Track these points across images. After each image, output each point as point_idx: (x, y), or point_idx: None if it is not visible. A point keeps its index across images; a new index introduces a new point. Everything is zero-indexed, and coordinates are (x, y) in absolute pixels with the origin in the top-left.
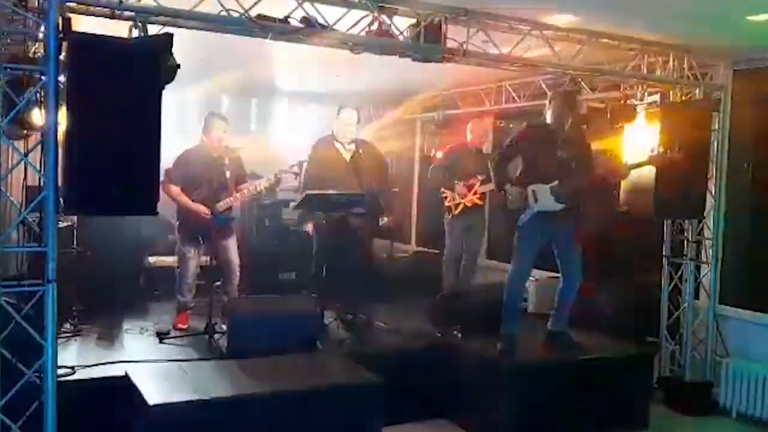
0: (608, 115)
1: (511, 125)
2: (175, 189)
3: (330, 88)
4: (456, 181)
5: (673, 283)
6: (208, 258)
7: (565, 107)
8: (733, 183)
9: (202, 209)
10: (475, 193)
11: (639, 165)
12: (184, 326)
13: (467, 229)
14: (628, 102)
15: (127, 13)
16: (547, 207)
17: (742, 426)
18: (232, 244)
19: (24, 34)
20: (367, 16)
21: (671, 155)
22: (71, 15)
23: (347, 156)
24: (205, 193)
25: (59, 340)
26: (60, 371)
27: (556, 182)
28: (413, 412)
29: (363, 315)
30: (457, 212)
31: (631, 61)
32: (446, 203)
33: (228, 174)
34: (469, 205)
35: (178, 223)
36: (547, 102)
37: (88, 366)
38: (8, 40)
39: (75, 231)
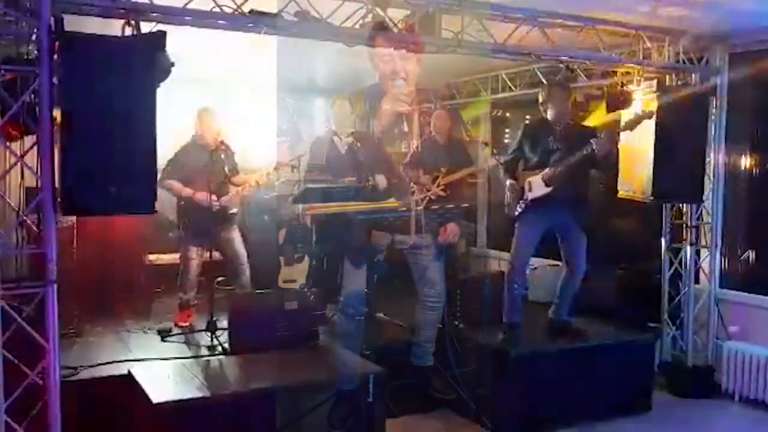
0: (605, 102)
1: (507, 114)
2: (176, 184)
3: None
4: (421, 173)
5: (673, 268)
6: (209, 254)
7: (562, 99)
8: (731, 166)
9: (204, 198)
10: (438, 186)
11: (629, 125)
12: (186, 324)
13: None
14: (625, 88)
15: (120, 12)
16: (539, 192)
17: (744, 409)
18: (236, 236)
19: (16, 35)
20: (361, 8)
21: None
22: (64, 15)
23: (343, 148)
24: (205, 187)
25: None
26: (63, 372)
27: (547, 170)
28: (416, 403)
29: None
30: (424, 205)
31: (627, 47)
32: (413, 197)
33: (226, 168)
34: (433, 197)
35: (179, 220)
36: (541, 95)
37: (92, 366)
38: (1, 42)
39: (75, 231)
